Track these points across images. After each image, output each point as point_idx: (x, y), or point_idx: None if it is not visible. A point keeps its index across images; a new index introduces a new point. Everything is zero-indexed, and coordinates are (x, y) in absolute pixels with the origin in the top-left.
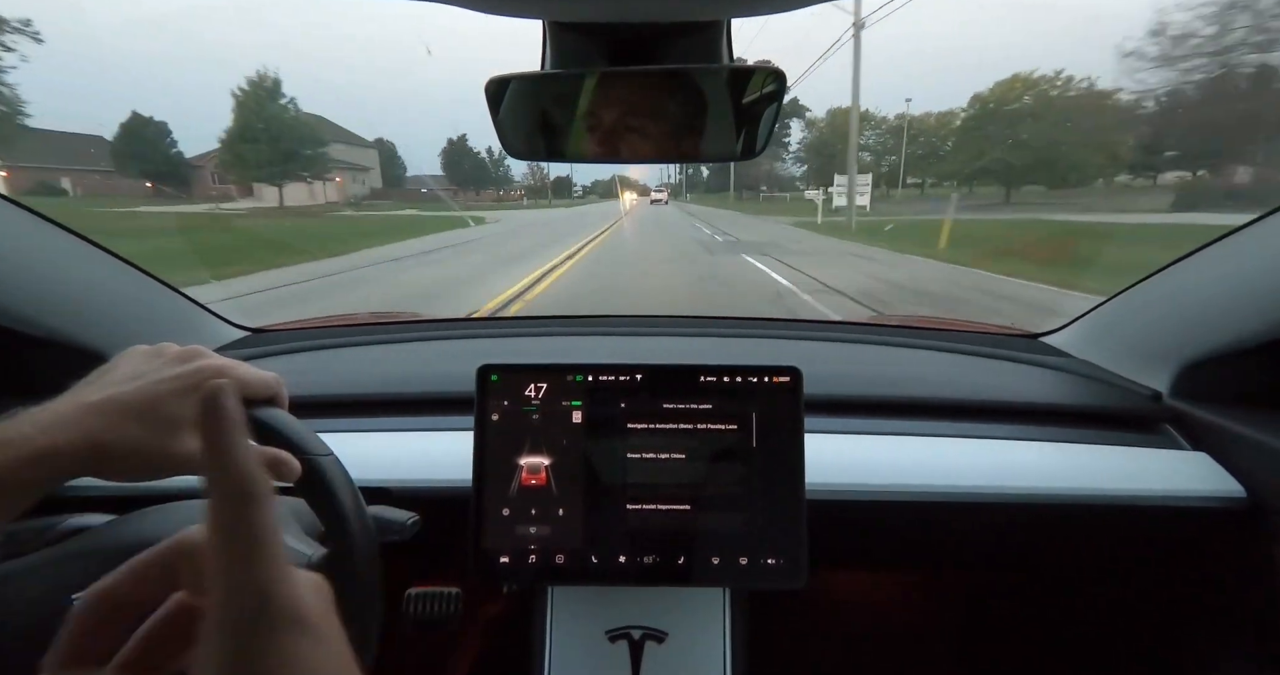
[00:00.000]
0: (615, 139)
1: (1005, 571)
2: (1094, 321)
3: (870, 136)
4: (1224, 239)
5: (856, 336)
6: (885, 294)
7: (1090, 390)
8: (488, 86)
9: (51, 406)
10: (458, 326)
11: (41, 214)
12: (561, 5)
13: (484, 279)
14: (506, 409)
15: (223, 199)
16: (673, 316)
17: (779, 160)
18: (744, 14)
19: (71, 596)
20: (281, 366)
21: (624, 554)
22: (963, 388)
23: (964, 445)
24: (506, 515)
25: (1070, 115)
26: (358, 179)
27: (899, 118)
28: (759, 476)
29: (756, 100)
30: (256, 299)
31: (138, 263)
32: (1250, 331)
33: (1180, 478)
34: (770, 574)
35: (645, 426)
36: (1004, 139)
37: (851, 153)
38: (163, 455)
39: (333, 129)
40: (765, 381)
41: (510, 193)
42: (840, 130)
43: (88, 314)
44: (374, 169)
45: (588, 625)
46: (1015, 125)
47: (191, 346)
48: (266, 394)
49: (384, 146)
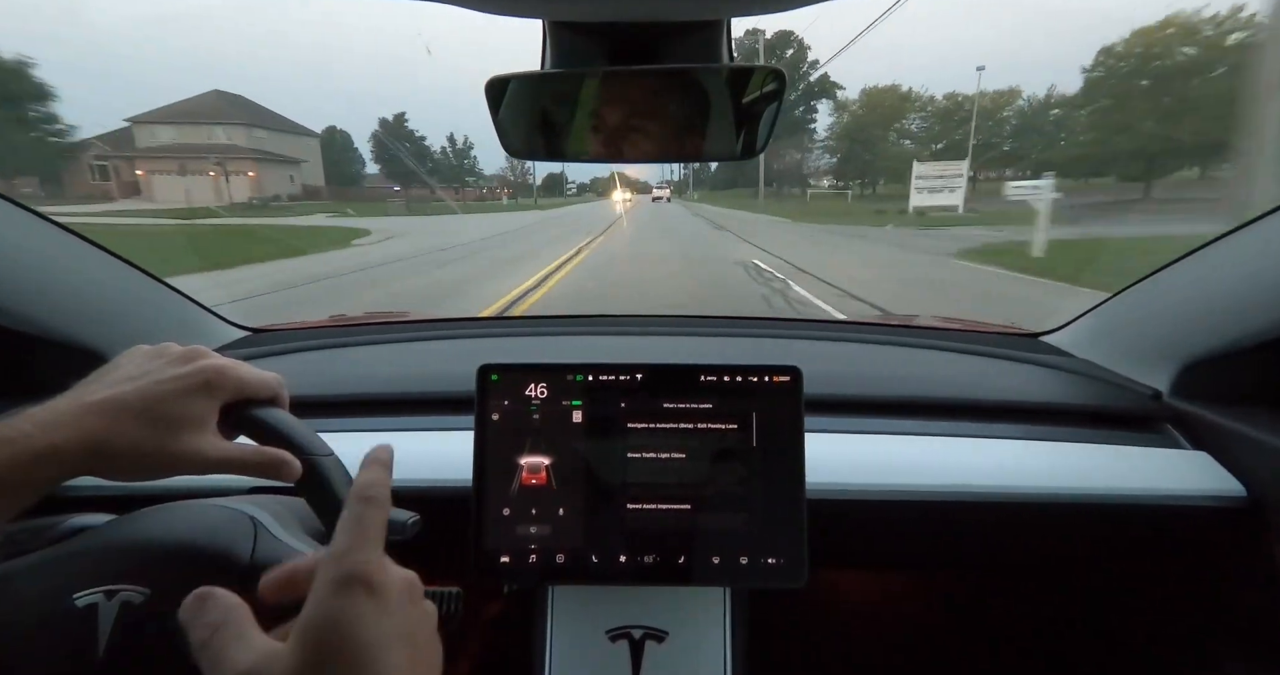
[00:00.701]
0: (615, 138)
1: (1005, 571)
2: (1094, 321)
3: (914, 121)
4: (1224, 238)
5: (857, 336)
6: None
7: (1091, 390)
8: (488, 86)
9: (52, 406)
10: (458, 326)
11: (41, 214)
12: (561, 5)
13: None
14: (507, 409)
15: (102, 198)
16: (673, 316)
17: (803, 151)
18: (744, 14)
19: (73, 597)
20: (282, 366)
21: (624, 553)
22: (963, 387)
23: (964, 445)
24: (507, 515)
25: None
26: (284, 174)
27: (948, 98)
28: (759, 476)
29: (756, 100)
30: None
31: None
32: (1251, 331)
33: (1181, 477)
34: (770, 573)
35: (645, 426)
36: (1150, 110)
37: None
38: (163, 455)
39: (250, 111)
40: (765, 381)
41: (492, 191)
42: (881, 112)
43: (88, 314)
44: (309, 162)
45: (588, 625)
46: (1168, 88)
47: (193, 346)
48: (267, 394)
49: (335, 137)
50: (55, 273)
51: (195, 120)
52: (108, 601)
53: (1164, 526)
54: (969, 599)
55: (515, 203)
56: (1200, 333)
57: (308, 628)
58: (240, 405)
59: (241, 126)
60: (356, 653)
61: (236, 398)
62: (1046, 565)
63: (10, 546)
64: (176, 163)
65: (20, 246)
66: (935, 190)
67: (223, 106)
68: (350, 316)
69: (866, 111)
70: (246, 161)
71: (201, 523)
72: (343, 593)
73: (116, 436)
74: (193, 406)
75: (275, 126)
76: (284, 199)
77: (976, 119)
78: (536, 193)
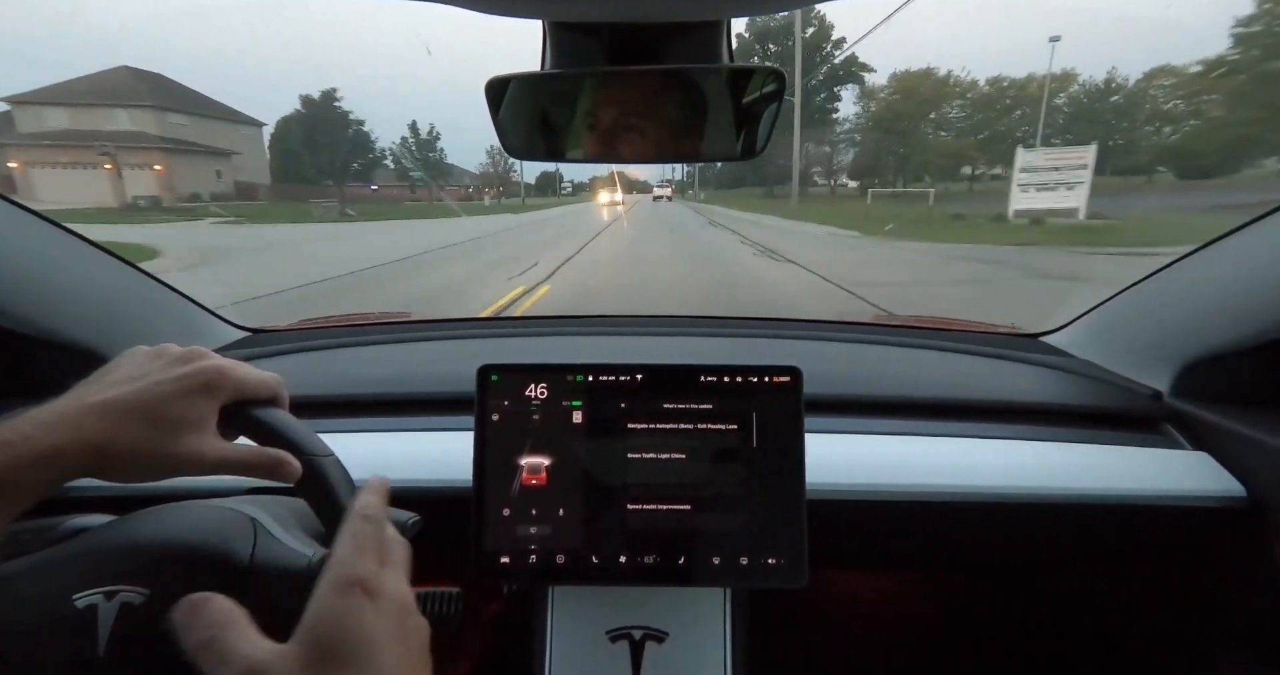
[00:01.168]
0: (615, 139)
1: (1005, 571)
2: (1094, 321)
3: (953, 109)
4: (1224, 238)
5: (857, 336)
6: None
7: (1091, 390)
8: (488, 87)
9: (52, 407)
10: (458, 326)
11: (41, 214)
12: (561, 5)
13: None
14: (507, 409)
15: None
16: (673, 316)
17: (828, 144)
18: (744, 14)
19: (73, 597)
20: (282, 367)
21: (624, 554)
22: (963, 387)
23: (964, 445)
24: (507, 515)
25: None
26: (209, 169)
27: (991, 83)
28: (759, 476)
29: (756, 100)
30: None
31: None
32: (1250, 331)
33: (1181, 477)
34: (771, 574)
35: (645, 426)
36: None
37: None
38: (163, 456)
39: (169, 92)
40: (765, 381)
41: (478, 190)
42: (918, 99)
43: (88, 314)
44: (244, 155)
45: (588, 625)
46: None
47: (192, 347)
48: (267, 394)
49: (292, 128)
50: (55, 273)
51: (94, 101)
52: (107, 602)
53: (1164, 527)
54: (969, 599)
55: (500, 204)
56: (1200, 333)
57: (311, 626)
58: (240, 406)
59: (152, 110)
60: (356, 648)
61: (236, 398)
62: (1046, 565)
63: (11, 547)
64: (67, 153)
65: (20, 247)
66: (1047, 187)
67: (132, 86)
68: (351, 316)
69: (902, 98)
70: (154, 152)
71: (201, 523)
72: (344, 594)
73: (116, 438)
74: (192, 407)
75: (202, 112)
76: (206, 198)
77: (1023, 106)
78: (525, 192)
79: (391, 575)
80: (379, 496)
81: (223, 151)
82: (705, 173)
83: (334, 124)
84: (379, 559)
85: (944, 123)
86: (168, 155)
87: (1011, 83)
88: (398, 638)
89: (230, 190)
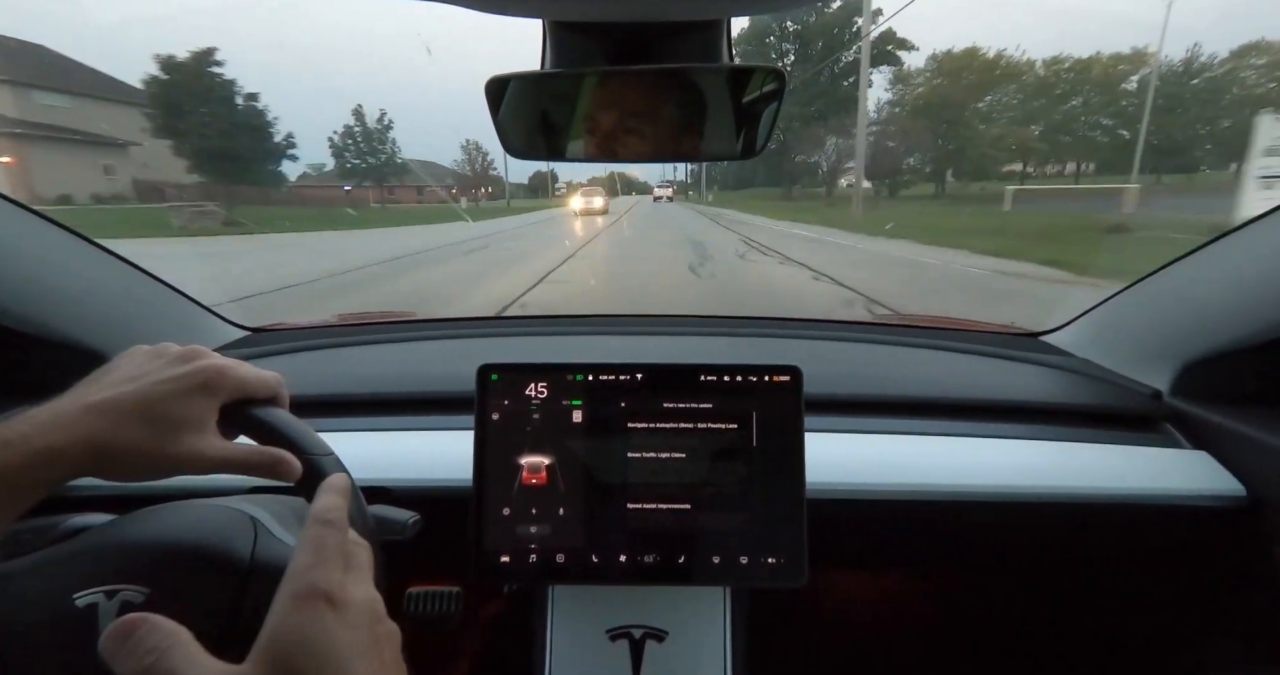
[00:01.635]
0: (615, 138)
1: (1004, 570)
2: (1094, 320)
3: (1004, 94)
4: (1224, 238)
5: (857, 336)
6: None
7: (1091, 389)
8: (488, 86)
9: (52, 407)
10: (458, 326)
11: (41, 214)
12: (561, 5)
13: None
14: (507, 408)
15: None
16: (673, 316)
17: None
18: (744, 13)
19: (73, 597)
20: (282, 366)
21: (625, 553)
22: (963, 387)
23: (965, 444)
24: (507, 515)
25: None
26: (94, 163)
27: (1048, 65)
28: (759, 476)
29: (756, 99)
30: None
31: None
32: (1250, 331)
33: (1181, 476)
34: (770, 573)
35: (645, 426)
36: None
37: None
38: (163, 455)
39: (40, 65)
40: (765, 381)
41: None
42: (967, 83)
43: (88, 314)
44: (146, 147)
45: (588, 624)
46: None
47: (192, 346)
48: (267, 394)
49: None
50: (55, 273)
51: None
52: (108, 601)
53: (1164, 526)
54: (969, 599)
55: (476, 207)
56: (1200, 333)
57: (269, 644)
58: (240, 405)
59: (9, 86)
60: (323, 665)
61: (236, 397)
62: (1046, 564)
63: (11, 546)
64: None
65: (20, 247)
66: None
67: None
68: (351, 315)
69: (948, 81)
70: (1, 140)
71: (201, 522)
72: (305, 606)
73: (116, 437)
74: (192, 407)
75: (89, 92)
76: (84, 200)
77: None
78: (508, 193)
79: (356, 581)
80: (340, 496)
81: (115, 141)
82: (710, 172)
83: (206, 97)
84: (342, 566)
85: (983, 117)
86: (20, 143)
87: (1075, 63)
88: (369, 649)
89: (127, 190)
